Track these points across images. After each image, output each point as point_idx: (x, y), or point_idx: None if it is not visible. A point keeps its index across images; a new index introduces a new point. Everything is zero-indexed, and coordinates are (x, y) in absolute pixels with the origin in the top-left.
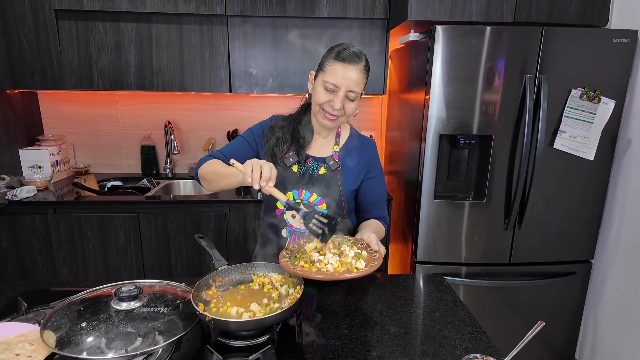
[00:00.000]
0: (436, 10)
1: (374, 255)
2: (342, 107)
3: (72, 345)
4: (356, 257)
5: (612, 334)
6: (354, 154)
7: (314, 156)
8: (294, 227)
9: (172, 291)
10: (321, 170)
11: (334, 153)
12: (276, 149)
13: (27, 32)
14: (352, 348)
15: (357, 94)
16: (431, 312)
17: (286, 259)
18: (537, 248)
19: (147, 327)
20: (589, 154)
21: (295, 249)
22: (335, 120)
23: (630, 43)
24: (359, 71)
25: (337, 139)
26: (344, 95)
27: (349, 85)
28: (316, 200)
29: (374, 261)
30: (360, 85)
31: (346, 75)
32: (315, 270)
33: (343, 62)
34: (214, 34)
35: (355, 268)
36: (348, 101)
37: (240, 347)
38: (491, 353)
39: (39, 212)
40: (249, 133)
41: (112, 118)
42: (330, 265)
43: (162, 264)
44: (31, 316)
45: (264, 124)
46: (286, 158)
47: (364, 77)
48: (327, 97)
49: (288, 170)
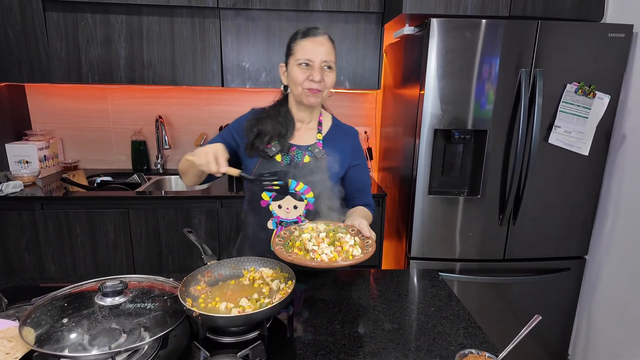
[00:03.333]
0: (431, 4)
1: (367, 242)
2: (322, 79)
3: (53, 342)
4: (353, 245)
5: (606, 329)
6: (339, 142)
7: (297, 144)
8: (280, 217)
9: (159, 286)
10: (305, 159)
11: (317, 141)
12: (257, 140)
13: (14, 24)
14: (345, 344)
15: (332, 62)
16: (425, 308)
17: (280, 246)
18: (532, 244)
19: (133, 323)
20: (584, 149)
21: (286, 236)
22: (318, 93)
23: (625, 38)
24: (326, 41)
25: (319, 127)
26: (320, 66)
27: (321, 56)
28: (303, 188)
29: (367, 248)
30: (331, 54)
31: (315, 49)
32: (309, 259)
33: (309, 37)
34: (206, 27)
35: (352, 255)
36: (326, 72)
37: (229, 344)
38: (486, 348)
39: (25, 208)
40: (227, 131)
41: (102, 112)
42: (325, 255)
43: (153, 261)
44: (11, 312)
45: (243, 119)
46: (268, 148)
47: (332, 47)
48: (305, 73)
49: (272, 160)
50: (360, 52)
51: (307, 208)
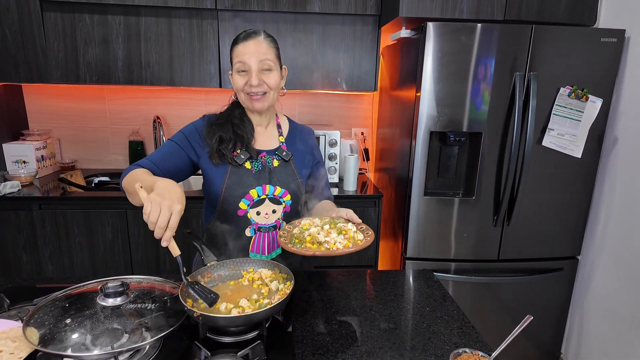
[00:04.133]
0: (427, 7)
1: (361, 227)
2: (263, 81)
3: (56, 342)
4: (356, 231)
5: (598, 329)
6: (300, 142)
7: (264, 149)
8: (259, 223)
9: (159, 287)
10: (275, 163)
11: (281, 144)
12: (222, 147)
13: (11, 24)
14: (342, 343)
15: (271, 61)
16: (421, 308)
17: (290, 244)
18: (525, 244)
19: (134, 324)
20: (577, 152)
21: (287, 235)
22: (263, 98)
23: (617, 42)
24: (260, 41)
25: (279, 129)
26: (257, 69)
27: (257, 57)
28: (281, 192)
29: (366, 231)
30: (268, 53)
31: (249, 51)
32: (324, 249)
33: (241, 42)
34: (203, 28)
35: (359, 240)
36: (265, 73)
37: (229, 343)
38: (480, 348)
39: (23, 208)
40: (181, 136)
41: (99, 113)
42: (340, 243)
43: (151, 261)
44: (14, 313)
45: (197, 125)
46: (236, 156)
47: (269, 44)
48: (244, 79)
49: (241, 168)
50: (357, 54)
51: (284, 210)
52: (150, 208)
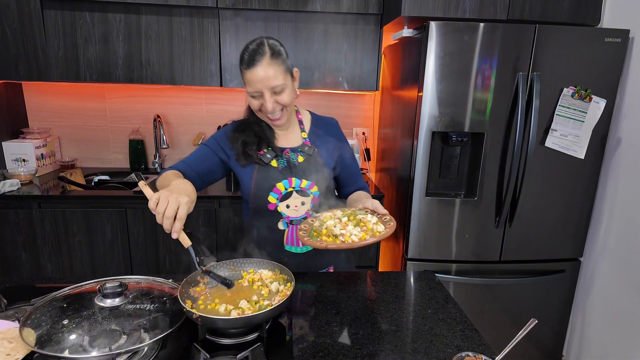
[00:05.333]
0: (430, 6)
1: (385, 218)
2: (277, 102)
3: (53, 343)
4: (376, 223)
5: (600, 331)
6: (323, 134)
7: (289, 147)
8: (290, 216)
9: (158, 288)
10: (300, 159)
11: (304, 140)
12: (248, 149)
13: (11, 22)
14: (343, 346)
15: (281, 83)
16: (422, 310)
17: (307, 237)
18: (527, 246)
19: (132, 325)
20: (580, 153)
21: (307, 228)
22: (281, 115)
23: (621, 42)
24: (266, 66)
25: (301, 125)
26: (269, 94)
27: (266, 84)
28: (307, 184)
29: (389, 222)
30: (276, 76)
31: (258, 79)
32: (339, 242)
33: (248, 68)
34: (204, 27)
35: (377, 232)
36: (277, 95)
37: (229, 345)
38: (483, 351)
39: (22, 207)
40: (213, 141)
41: (99, 111)
42: (355, 236)
43: (150, 261)
44: (11, 313)
45: (227, 129)
46: (262, 155)
47: (276, 65)
48: (258, 103)
49: (268, 166)
50: (359, 54)
51: (313, 202)
52: (156, 201)
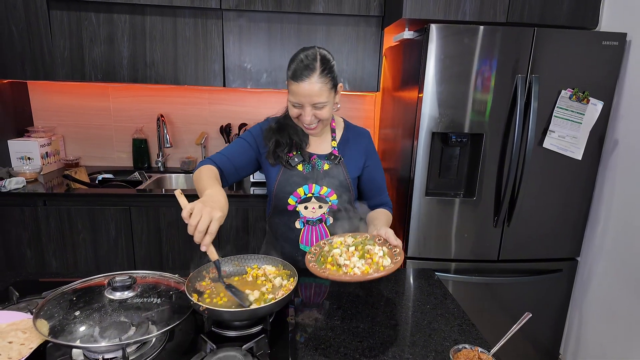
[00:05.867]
0: (430, 9)
1: (394, 250)
2: (315, 116)
3: (66, 333)
4: (382, 256)
5: (596, 330)
6: (352, 144)
7: (316, 153)
8: (307, 217)
9: (165, 282)
10: (325, 166)
11: (333, 149)
12: (278, 150)
13: (18, 21)
14: (344, 339)
15: (323, 103)
16: (421, 305)
17: (313, 263)
18: (525, 245)
19: (141, 317)
20: (577, 154)
21: (317, 252)
22: (316, 128)
23: (619, 46)
24: (314, 83)
25: (333, 134)
26: (310, 108)
27: (309, 100)
28: (327, 192)
29: (396, 257)
30: (321, 95)
31: (303, 93)
32: (342, 273)
33: (296, 82)
34: (208, 28)
35: (382, 266)
36: (317, 109)
37: (234, 337)
38: (479, 344)
39: (28, 204)
40: (249, 135)
41: (103, 110)
42: (357, 269)
43: (154, 258)
44: (23, 305)
45: (263, 125)
46: (291, 158)
47: (323, 84)
48: (297, 112)
49: (294, 169)
50: (360, 55)
51: (330, 207)
52: (190, 213)
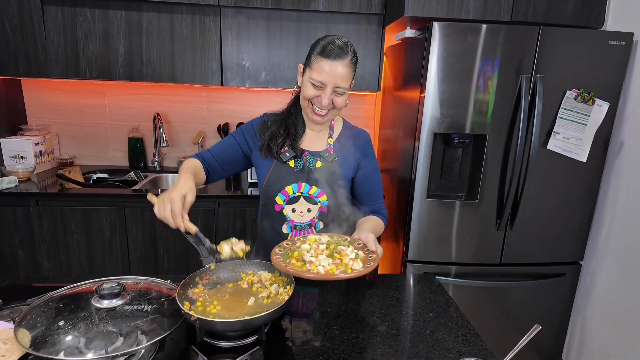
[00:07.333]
0: (433, 7)
1: (371, 256)
2: (332, 103)
3: (49, 345)
4: (354, 258)
5: (600, 335)
6: (348, 144)
7: (309, 150)
8: (294, 221)
9: (157, 288)
10: (317, 164)
11: (328, 146)
12: (271, 142)
13: (11, 17)
14: (343, 350)
15: (345, 89)
16: (424, 313)
17: (278, 256)
18: (528, 249)
19: (130, 326)
20: (582, 156)
21: (288, 247)
22: (325, 116)
23: (625, 45)
24: (345, 66)
25: (330, 132)
26: (331, 91)
27: (335, 82)
28: (316, 192)
29: (369, 262)
30: (347, 80)
31: (332, 72)
32: (305, 270)
33: (328, 59)
34: (206, 25)
35: (351, 268)
36: (336, 95)
37: (228, 348)
38: (485, 356)
39: (20, 204)
40: (239, 132)
41: (99, 108)
42: (322, 267)
43: (149, 260)
44: (6, 313)
45: (255, 122)
46: (282, 153)
47: (351, 71)
48: (315, 92)
49: (285, 165)
50: (361, 54)
51: (320, 210)
52: (158, 206)
